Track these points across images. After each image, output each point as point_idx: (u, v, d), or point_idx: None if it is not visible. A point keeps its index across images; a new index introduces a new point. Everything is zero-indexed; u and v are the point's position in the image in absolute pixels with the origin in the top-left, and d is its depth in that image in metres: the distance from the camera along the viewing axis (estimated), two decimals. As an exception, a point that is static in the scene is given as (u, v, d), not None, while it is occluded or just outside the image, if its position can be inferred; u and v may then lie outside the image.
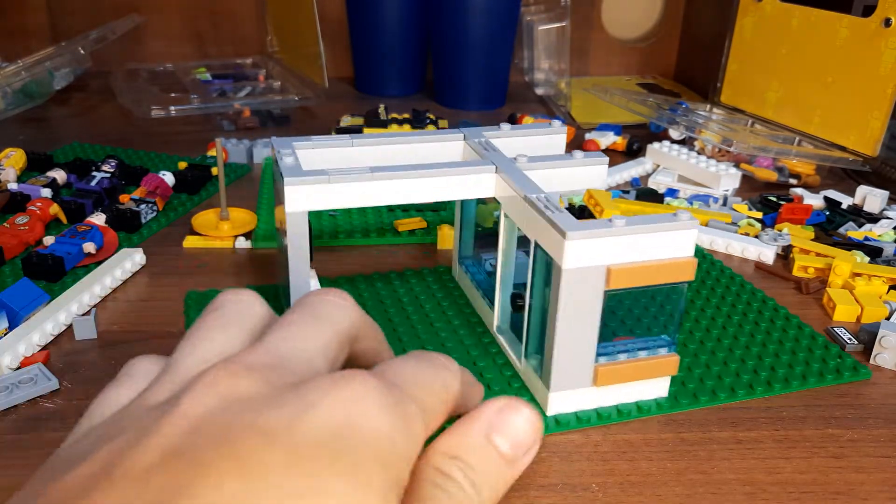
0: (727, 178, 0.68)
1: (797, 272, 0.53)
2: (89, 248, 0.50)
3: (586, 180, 0.43)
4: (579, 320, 0.34)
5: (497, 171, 0.40)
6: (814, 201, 0.65)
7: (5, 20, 0.98)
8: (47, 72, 0.84)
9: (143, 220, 0.57)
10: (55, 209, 0.55)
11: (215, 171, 0.66)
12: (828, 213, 0.63)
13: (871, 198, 0.65)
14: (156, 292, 0.48)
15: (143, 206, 0.57)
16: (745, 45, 0.82)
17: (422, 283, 0.49)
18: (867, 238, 0.58)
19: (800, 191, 0.66)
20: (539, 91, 0.97)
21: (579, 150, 0.43)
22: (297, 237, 0.39)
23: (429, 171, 0.39)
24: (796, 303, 0.50)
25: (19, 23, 0.98)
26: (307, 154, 0.42)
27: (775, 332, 0.45)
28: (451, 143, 0.44)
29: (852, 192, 0.67)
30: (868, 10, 0.68)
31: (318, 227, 0.57)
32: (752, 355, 0.43)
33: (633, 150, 0.77)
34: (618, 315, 0.37)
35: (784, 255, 0.56)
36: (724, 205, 0.65)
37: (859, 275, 0.51)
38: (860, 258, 0.53)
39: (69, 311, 0.44)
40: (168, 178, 0.61)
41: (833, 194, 0.66)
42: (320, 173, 0.38)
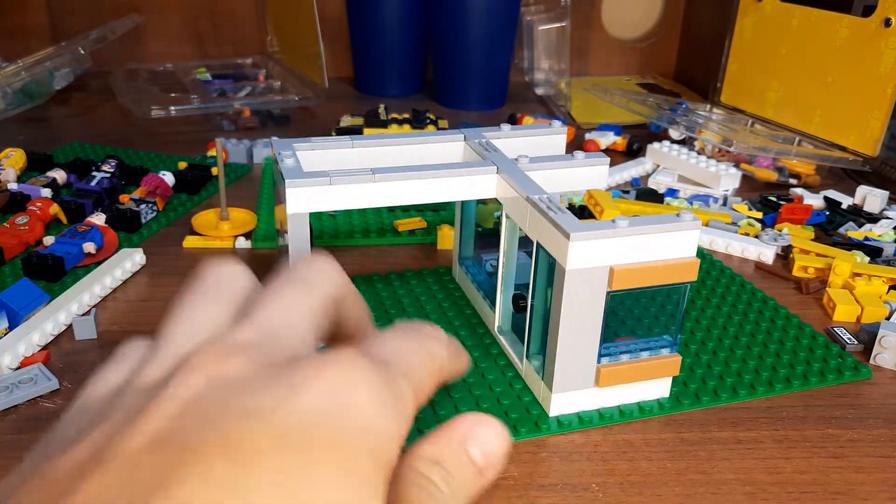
0: (727, 178, 0.68)
1: (797, 272, 0.53)
2: (89, 248, 0.50)
3: (587, 181, 0.43)
4: (582, 321, 0.34)
5: (498, 172, 0.40)
6: (814, 201, 0.65)
7: (5, 20, 0.98)
8: (47, 72, 0.84)
9: (143, 220, 0.56)
10: (55, 209, 0.55)
11: (215, 171, 0.65)
12: (828, 213, 0.63)
13: (871, 198, 0.65)
14: (156, 292, 0.48)
15: (143, 206, 0.57)
16: (745, 45, 0.82)
17: (422, 283, 0.49)
18: (867, 238, 0.58)
19: (800, 191, 0.67)
20: (539, 91, 0.97)
21: (579, 150, 0.43)
22: (298, 238, 0.39)
23: (430, 172, 0.39)
24: (796, 303, 0.50)
25: (19, 23, 0.98)
26: (307, 155, 0.41)
27: (776, 332, 0.45)
28: (452, 144, 0.44)
29: (852, 192, 0.67)
30: (868, 10, 0.68)
31: (318, 227, 0.57)
32: (753, 355, 0.43)
33: (633, 150, 0.77)
34: (620, 315, 0.37)
35: (784, 255, 0.56)
36: (724, 205, 0.65)
37: (859, 275, 0.51)
38: (860, 258, 0.53)
39: (69, 311, 0.44)
40: (168, 178, 0.61)
41: (833, 194, 0.66)
42: (321, 175, 0.38)
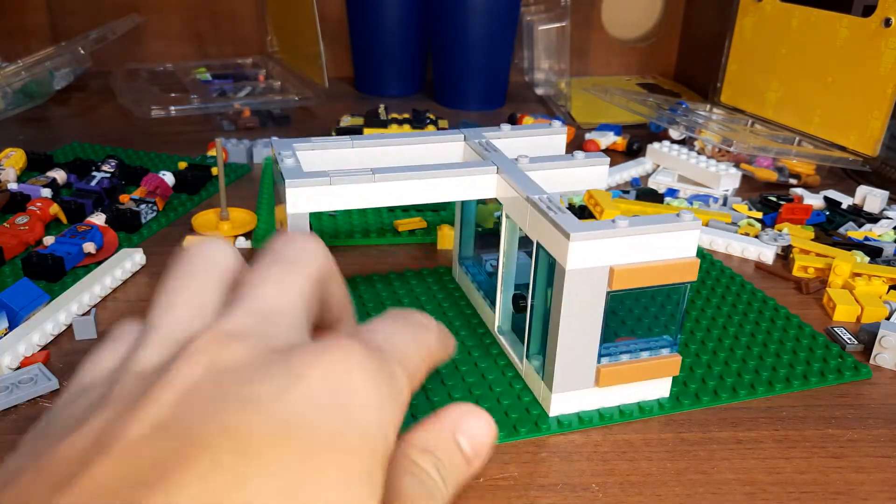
0: (727, 178, 0.68)
1: (797, 272, 0.53)
2: (89, 248, 0.50)
3: (587, 181, 0.43)
4: (582, 321, 0.34)
5: (498, 172, 0.40)
6: (814, 201, 0.65)
7: (5, 20, 0.98)
8: (47, 72, 0.84)
9: (143, 220, 0.57)
10: (55, 209, 0.55)
11: (215, 171, 0.65)
12: (828, 213, 0.63)
13: (871, 198, 0.65)
14: (156, 292, 0.48)
15: (143, 206, 0.57)
16: (745, 45, 0.82)
17: (422, 283, 0.49)
18: (867, 238, 0.58)
19: (800, 191, 0.67)
20: (539, 91, 0.97)
21: (579, 150, 0.43)
22: (298, 238, 0.39)
23: (430, 172, 0.39)
24: (796, 303, 0.50)
25: (19, 23, 0.98)
26: (308, 155, 0.41)
27: (776, 332, 0.45)
28: (452, 144, 0.44)
29: (852, 192, 0.67)
30: (868, 10, 0.68)
31: (318, 227, 0.57)
32: (753, 355, 0.43)
33: (633, 150, 0.77)
34: (620, 316, 0.37)
35: (784, 255, 0.56)
36: (724, 205, 0.65)
37: (859, 275, 0.51)
38: (860, 258, 0.53)
39: (69, 311, 0.44)
40: (168, 178, 0.61)
41: (833, 194, 0.66)
42: (321, 175, 0.38)
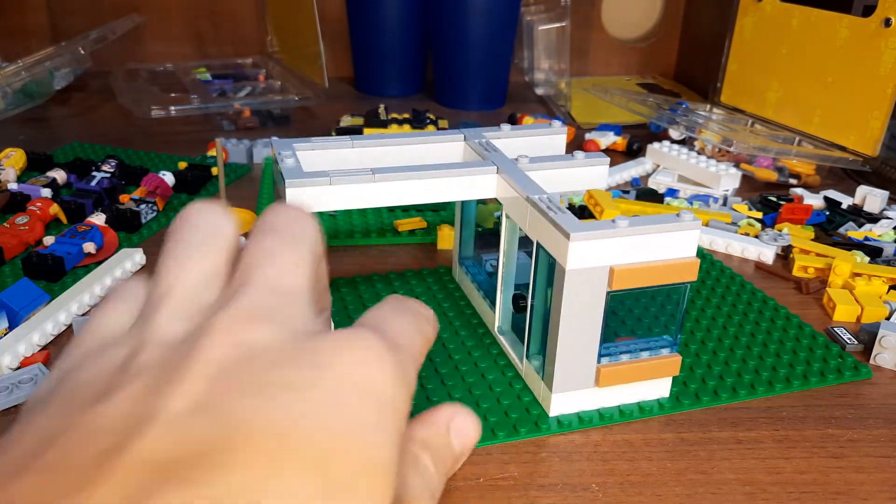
0: (727, 178, 0.68)
1: (797, 272, 0.53)
2: (89, 248, 0.50)
3: (587, 181, 0.43)
4: (582, 321, 0.34)
5: (498, 172, 0.40)
6: (814, 201, 0.65)
7: (5, 20, 0.98)
8: (47, 72, 0.84)
9: (143, 220, 0.57)
10: (55, 209, 0.55)
11: (215, 171, 0.65)
12: (828, 213, 0.63)
13: (871, 198, 0.65)
14: (156, 292, 0.48)
15: (143, 206, 0.57)
16: (745, 45, 0.82)
17: (422, 283, 0.49)
18: (867, 238, 0.58)
19: (800, 191, 0.67)
20: (539, 91, 0.97)
21: (579, 150, 0.43)
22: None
23: (430, 172, 0.39)
24: (796, 303, 0.50)
25: (19, 23, 0.98)
26: (308, 155, 0.41)
27: (776, 332, 0.45)
28: (452, 144, 0.44)
29: (852, 192, 0.67)
30: (868, 10, 0.68)
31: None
32: (753, 355, 0.43)
33: (633, 150, 0.77)
34: (620, 315, 0.37)
35: (784, 255, 0.56)
36: (724, 205, 0.65)
37: (859, 275, 0.51)
38: (860, 258, 0.53)
39: (69, 311, 0.44)
40: (168, 178, 0.61)
41: (833, 194, 0.66)
42: (321, 175, 0.38)
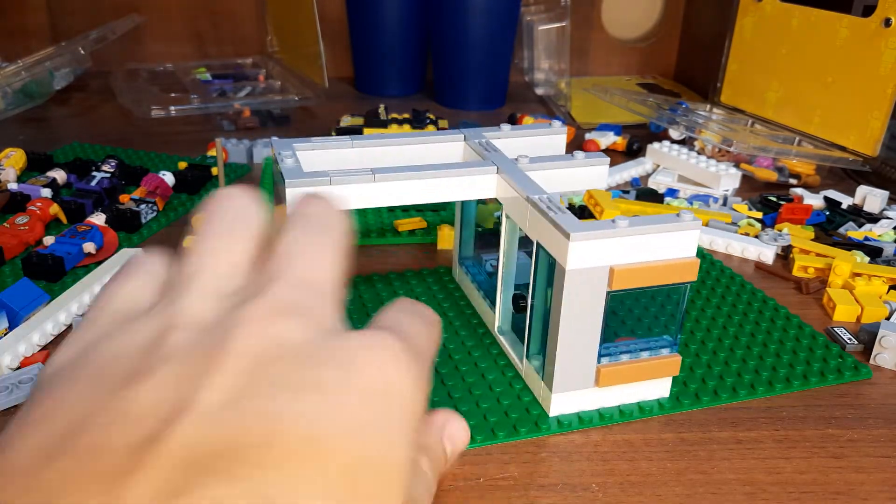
0: (727, 178, 0.68)
1: (797, 272, 0.53)
2: (89, 248, 0.50)
3: (587, 181, 0.43)
4: (582, 321, 0.34)
5: (498, 172, 0.40)
6: (814, 201, 0.65)
7: (5, 20, 0.98)
8: (47, 72, 0.84)
9: (143, 220, 0.57)
10: (55, 209, 0.55)
11: (215, 171, 0.65)
12: (828, 213, 0.63)
13: (871, 198, 0.65)
14: (156, 292, 0.48)
15: (143, 206, 0.57)
16: (745, 45, 0.82)
17: (422, 283, 0.49)
18: (867, 238, 0.58)
19: (800, 191, 0.67)
20: (539, 91, 0.97)
21: (579, 150, 0.43)
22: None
23: (430, 172, 0.39)
24: (796, 303, 0.50)
25: (19, 23, 0.98)
26: (307, 155, 0.41)
27: (776, 332, 0.45)
28: (452, 144, 0.44)
29: (852, 192, 0.67)
30: (868, 10, 0.68)
31: (318, 227, 0.57)
32: (753, 355, 0.43)
33: (633, 150, 0.77)
34: (620, 315, 0.37)
35: (784, 255, 0.56)
36: (724, 205, 0.65)
37: (859, 275, 0.51)
38: (860, 258, 0.53)
39: (69, 311, 0.44)
40: (168, 178, 0.61)
41: (833, 194, 0.66)
42: (321, 175, 0.38)
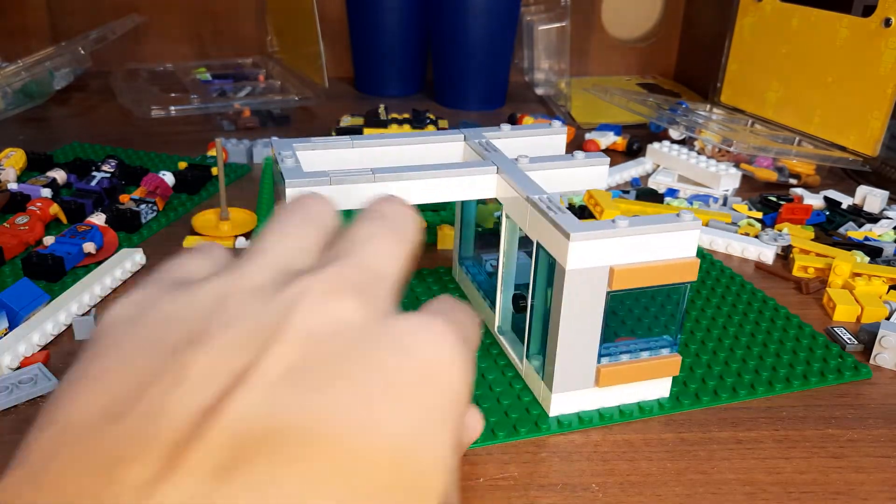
0: (727, 178, 0.68)
1: (797, 272, 0.53)
2: (89, 248, 0.50)
3: (587, 181, 0.43)
4: (582, 321, 0.34)
5: (498, 172, 0.40)
6: (814, 201, 0.65)
7: (5, 20, 0.98)
8: (47, 72, 0.84)
9: (143, 220, 0.57)
10: (55, 209, 0.55)
11: (215, 171, 0.65)
12: (828, 213, 0.63)
13: (871, 198, 0.65)
14: (156, 292, 0.48)
15: (143, 206, 0.57)
16: (745, 45, 0.82)
17: (422, 283, 0.49)
18: (867, 238, 0.58)
19: (800, 191, 0.67)
20: (539, 91, 0.97)
21: (579, 150, 0.43)
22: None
23: (430, 172, 0.39)
24: (796, 303, 0.50)
25: (19, 23, 0.98)
26: (307, 155, 0.41)
27: (776, 332, 0.45)
28: (452, 144, 0.44)
29: (852, 192, 0.67)
30: (868, 10, 0.68)
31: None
32: (753, 355, 0.43)
33: (633, 150, 0.77)
34: (620, 315, 0.37)
35: (784, 255, 0.56)
36: (724, 205, 0.65)
37: (859, 275, 0.51)
38: (860, 258, 0.53)
39: (69, 311, 0.44)
40: (168, 178, 0.61)
41: (833, 194, 0.66)
42: (321, 175, 0.38)
